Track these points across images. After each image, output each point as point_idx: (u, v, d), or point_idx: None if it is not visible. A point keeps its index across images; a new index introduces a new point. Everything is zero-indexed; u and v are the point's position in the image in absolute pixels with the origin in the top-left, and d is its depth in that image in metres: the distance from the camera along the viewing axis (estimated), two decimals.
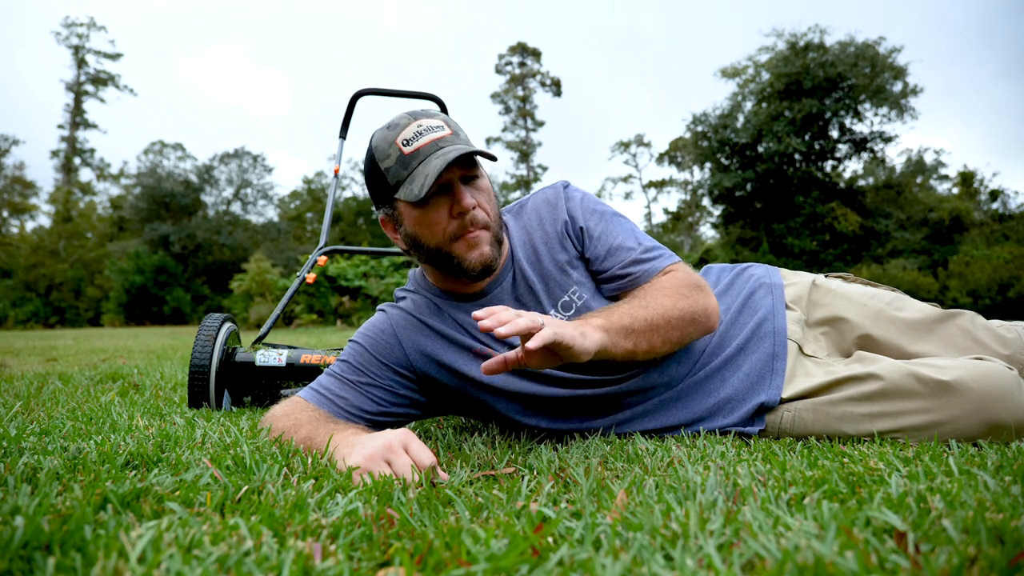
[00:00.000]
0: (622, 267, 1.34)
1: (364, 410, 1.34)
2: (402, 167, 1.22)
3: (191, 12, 73.67)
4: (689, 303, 1.27)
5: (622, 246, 1.36)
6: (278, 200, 42.76)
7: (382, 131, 1.26)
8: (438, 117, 1.26)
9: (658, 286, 1.30)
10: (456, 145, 1.21)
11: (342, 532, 0.70)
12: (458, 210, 1.22)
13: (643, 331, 1.21)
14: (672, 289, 1.28)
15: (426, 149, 1.20)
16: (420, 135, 1.21)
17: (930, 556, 0.59)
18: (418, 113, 1.26)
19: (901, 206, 24.83)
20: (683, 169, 40.19)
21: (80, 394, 2.33)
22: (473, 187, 1.25)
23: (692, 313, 1.27)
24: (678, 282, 1.30)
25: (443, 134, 1.22)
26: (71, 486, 0.88)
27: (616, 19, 71.75)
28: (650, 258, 1.35)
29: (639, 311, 1.22)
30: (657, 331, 1.23)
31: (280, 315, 2.43)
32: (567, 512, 0.78)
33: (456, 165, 1.21)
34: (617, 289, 1.36)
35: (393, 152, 1.23)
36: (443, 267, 1.30)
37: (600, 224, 1.38)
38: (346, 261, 21.15)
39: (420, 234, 1.27)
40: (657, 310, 1.23)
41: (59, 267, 35.90)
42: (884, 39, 23.75)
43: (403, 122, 1.24)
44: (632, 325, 1.20)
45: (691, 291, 1.29)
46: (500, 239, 1.31)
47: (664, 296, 1.26)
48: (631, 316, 1.21)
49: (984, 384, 1.17)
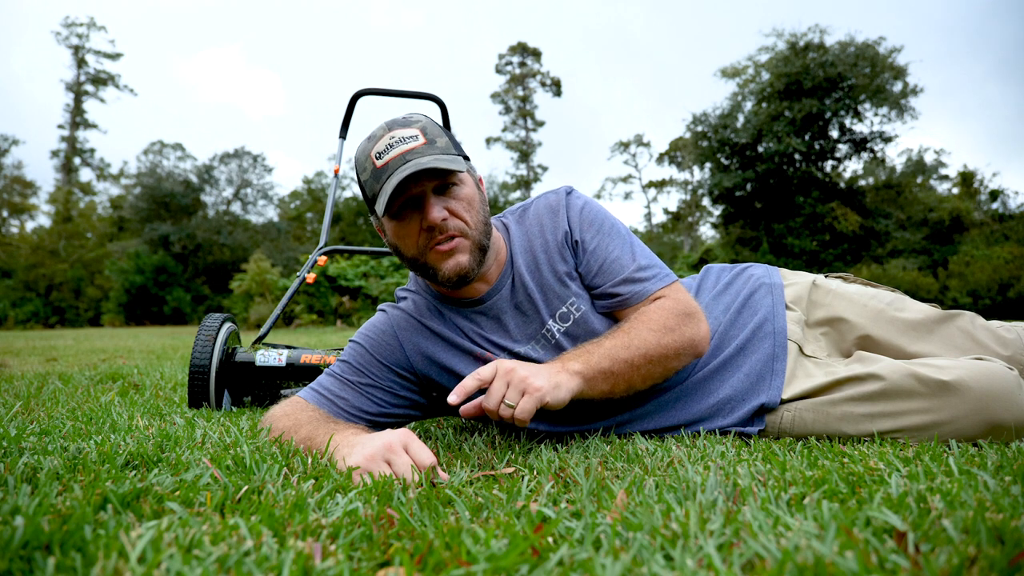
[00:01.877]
0: (613, 285, 1.32)
1: (364, 411, 1.34)
2: (375, 180, 1.21)
3: (191, 12, 73.73)
4: (674, 337, 1.24)
5: (616, 262, 1.33)
6: (278, 200, 42.78)
7: (363, 143, 1.26)
8: (415, 126, 1.23)
9: (645, 318, 1.25)
10: (423, 157, 1.18)
11: (342, 532, 0.70)
12: (426, 224, 1.21)
13: (622, 373, 1.19)
14: (659, 322, 1.24)
15: (394, 163, 1.19)
16: (391, 147, 1.20)
17: (930, 556, 0.59)
18: (395, 122, 1.24)
19: (901, 206, 24.82)
20: (683, 169, 40.21)
21: (80, 394, 2.33)
22: (449, 196, 1.23)
23: (677, 348, 1.24)
24: (667, 312, 1.26)
25: (414, 145, 1.20)
26: (71, 486, 0.88)
27: (616, 19, 71.80)
28: (642, 278, 1.31)
29: (620, 351, 1.19)
30: (637, 371, 1.21)
31: (280, 315, 2.43)
32: (567, 512, 0.78)
33: (425, 177, 1.19)
34: (608, 308, 1.34)
35: (368, 165, 1.23)
36: (424, 276, 1.31)
37: (596, 237, 1.35)
38: (346, 261, 21.16)
39: (399, 245, 1.28)
40: (639, 349, 1.20)
41: (59, 267, 35.90)
42: (884, 39, 23.77)
43: (379, 133, 1.23)
44: (611, 368, 1.18)
45: (680, 322, 1.25)
46: (484, 247, 1.27)
47: (649, 331, 1.23)
48: (611, 358, 1.18)
49: (984, 384, 1.17)
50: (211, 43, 78.31)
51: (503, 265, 1.36)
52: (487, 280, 1.35)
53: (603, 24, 71.19)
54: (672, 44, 74.70)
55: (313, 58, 76.35)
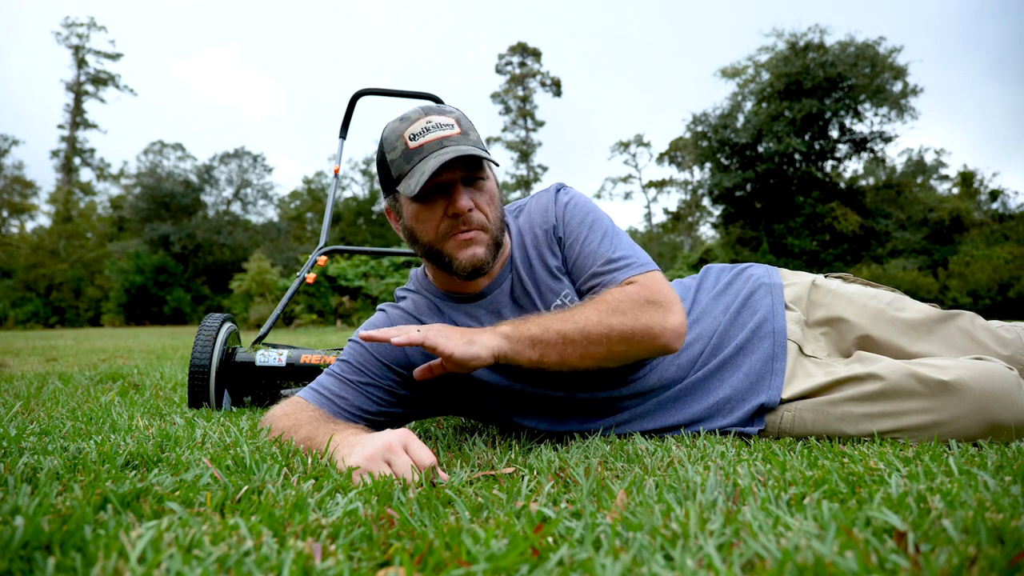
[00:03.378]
0: (586, 279, 1.32)
1: (364, 410, 1.34)
2: (405, 161, 1.23)
3: (191, 13, 73.72)
4: (622, 320, 1.18)
5: (590, 256, 1.32)
6: (278, 200, 42.77)
7: (394, 123, 1.27)
8: (451, 115, 1.25)
9: (598, 298, 1.23)
10: (461, 146, 1.21)
11: (342, 532, 0.70)
12: (452, 211, 1.22)
13: (554, 343, 1.17)
14: (609, 303, 1.20)
15: (430, 146, 1.21)
16: (427, 131, 1.22)
17: (930, 556, 0.59)
18: (431, 108, 1.26)
19: (901, 206, 24.82)
20: (683, 169, 40.20)
21: (80, 394, 2.33)
22: (475, 189, 1.25)
23: (624, 332, 1.18)
24: (625, 296, 1.22)
25: (450, 133, 1.22)
26: (71, 486, 0.88)
27: (616, 19, 71.81)
28: (614, 268, 1.29)
29: (555, 323, 1.18)
30: (572, 344, 1.17)
31: (280, 315, 2.43)
32: (567, 512, 0.78)
33: (458, 166, 1.21)
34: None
35: (400, 145, 1.24)
36: (436, 263, 1.31)
37: (577, 230, 1.35)
38: (346, 261, 21.16)
39: (416, 229, 1.28)
40: (577, 324, 1.17)
41: (59, 267, 35.89)
42: (884, 39, 23.76)
43: (414, 116, 1.25)
44: (542, 336, 1.16)
45: (635, 307, 1.20)
46: (499, 243, 1.30)
47: (593, 310, 1.19)
48: (543, 327, 1.17)
49: (984, 384, 1.17)
50: (212, 43, 78.39)
51: (504, 261, 1.38)
52: (490, 275, 1.36)
53: (603, 24, 71.25)
54: (672, 44, 74.78)
55: (313, 58, 76.46)
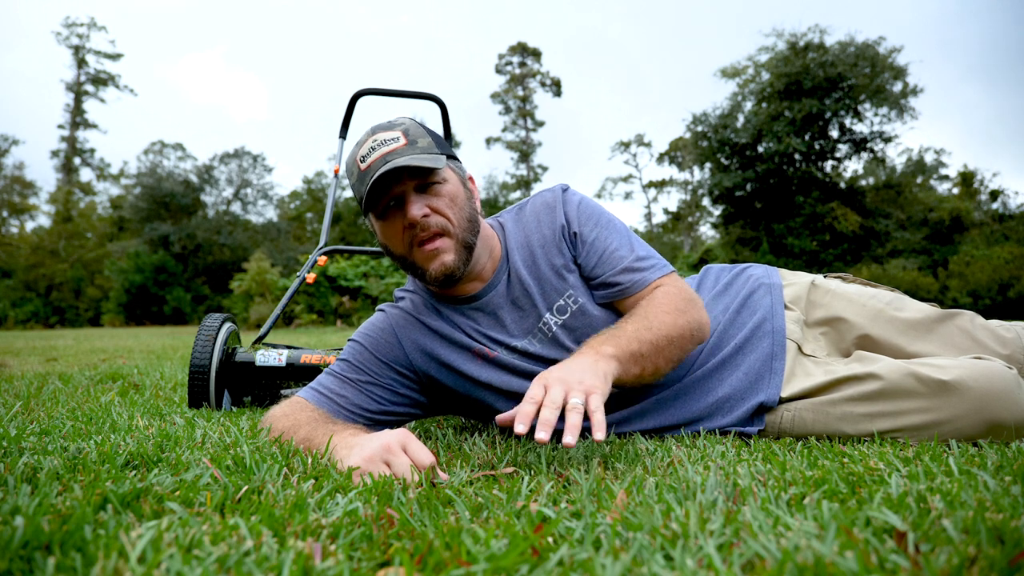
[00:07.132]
0: (613, 275, 1.33)
1: (364, 409, 1.34)
2: (360, 183, 1.25)
3: (191, 13, 73.74)
4: (688, 319, 1.25)
5: (614, 253, 1.34)
6: (278, 200, 42.74)
7: (352, 147, 1.30)
8: (397, 128, 1.26)
9: (657, 303, 1.27)
10: (403, 157, 1.20)
11: (342, 532, 0.70)
12: (406, 222, 1.23)
13: (649, 355, 1.19)
14: (671, 305, 1.26)
15: (375, 165, 1.22)
16: (373, 150, 1.23)
17: (930, 556, 0.59)
18: (379, 127, 1.28)
19: (901, 206, 24.82)
20: (683, 169, 40.17)
21: (80, 394, 2.33)
22: (431, 194, 1.25)
23: (691, 330, 1.26)
24: (674, 296, 1.29)
25: (395, 146, 1.22)
26: (71, 486, 0.88)
27: (616, 19, 71.82)
28: (642, 268, 1.33)
29: (645, 333, 1.20)
30: (661, 352, 1.21)
31: (280, 315, 2.43)
32: (567, 512, 0.78)
33: (407, 176, 1.22)
34: (607, 297, 1.35)
35: (354, 169, 1.27)
36: (413, 274, 1.33)
37: (594, 230, 1.37)
38: (346, 261, 21.16)
39: (387, 244, 1.32)
40: (661, 330, 1.21)
41: (59, 267, 35.89)
42: (884, 39, 23.77)
43: (364, 138, 1.27)
44: (640, 350, 1.18)
45: (687, 306, 1.28)
46: (468, 243, 1.28)
47: (665, 314, 1.24)
48: (639, 340, 1.19)
49: (984, 383, 1.17)
50: (213, 43, 78.41)
51: (498, 262, 1.38)
52: (482, 278, 1.36)
53: (603, 24, 71.28)
54: (672, 44, 74.80)
55: (313, 59, 76.44)
